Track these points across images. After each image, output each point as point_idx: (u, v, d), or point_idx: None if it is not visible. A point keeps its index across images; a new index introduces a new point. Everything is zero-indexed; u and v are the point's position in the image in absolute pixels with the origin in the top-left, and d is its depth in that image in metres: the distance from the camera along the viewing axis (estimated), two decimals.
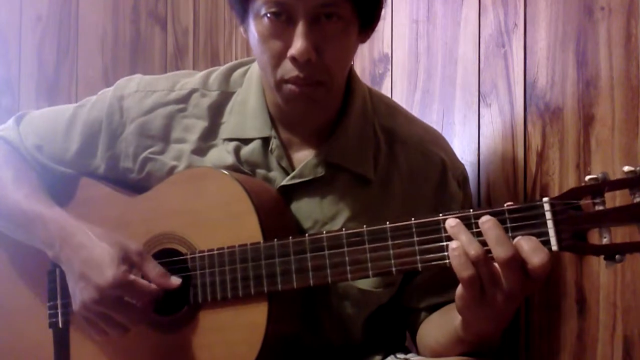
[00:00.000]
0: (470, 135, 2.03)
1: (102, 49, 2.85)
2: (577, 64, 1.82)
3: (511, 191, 1.94)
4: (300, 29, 1.57)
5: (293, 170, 1.73)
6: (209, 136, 1.77)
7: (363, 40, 1.70)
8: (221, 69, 1.83)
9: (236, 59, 2.52)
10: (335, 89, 1.69)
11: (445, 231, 1.45)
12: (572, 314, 1.82)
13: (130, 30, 2.86)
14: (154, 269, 1.66)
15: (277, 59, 1.62)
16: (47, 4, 2.80)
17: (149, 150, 1.79)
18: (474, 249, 1.41)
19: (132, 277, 1.62)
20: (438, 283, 1.68)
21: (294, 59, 1.59)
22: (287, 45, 1.59)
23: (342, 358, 1.76)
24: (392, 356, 1.75)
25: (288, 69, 1.61)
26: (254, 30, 1.63)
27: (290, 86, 1.63)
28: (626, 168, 1.34)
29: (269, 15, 1.59)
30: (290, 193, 1.72)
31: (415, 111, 2.14)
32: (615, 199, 1.39)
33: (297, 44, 1.57)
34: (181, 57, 2.86)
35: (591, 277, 1.79)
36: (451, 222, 1.44)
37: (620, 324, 1.74)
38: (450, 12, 2.10)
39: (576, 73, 1.82)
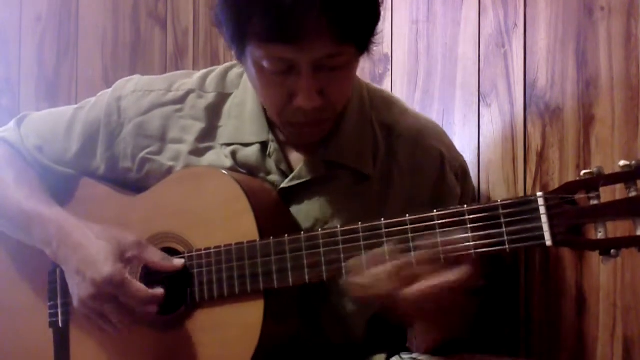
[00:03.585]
0: (470, 135, 2.03)
1: (102, 49, 2.84)
2: (577, 64, 1.82)
3: (511, 191, 1.94)
4: (305, 79, 1.55)
5: (292, 172, 1.72)
6: (206, 137, 1.77)
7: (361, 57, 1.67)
8: (218, 70, 1.83)
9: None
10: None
11: (440, 227, 1.46)
12: (572, 314, 1.82)
13: (130, 30, 2.86)
14: (154, 254, 1.67)
15: (281, 104, 1.61)
16: (47, 4, 2.80)
17: (147, 151, 1.79)
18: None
19: (127, 276, 1.63)
20: None
21: (300, 107, 1.58)
22: (291, 93, 1.58)
23: (343, 357, 1.75)
24: (397, 356, 1.75)
25: (293, 114, 1.61)
26: (253, 73, 1.61)
27: (296, 128, 1.65)
28: (621, 163, 1.33)
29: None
30: (290, 195, 1.72)
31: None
32: (616, 193, 1.39)
33: (305, 97, 1.56)
34: (181, 57, 2.85)
35: (591, 277, 1.79)
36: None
37: (620, 324, 1.74)
38: (450, 12, 2.10)
39: (576, 73, 1.82)
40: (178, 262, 1.67)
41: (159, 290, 1.64)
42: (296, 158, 1.74)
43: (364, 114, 1.75)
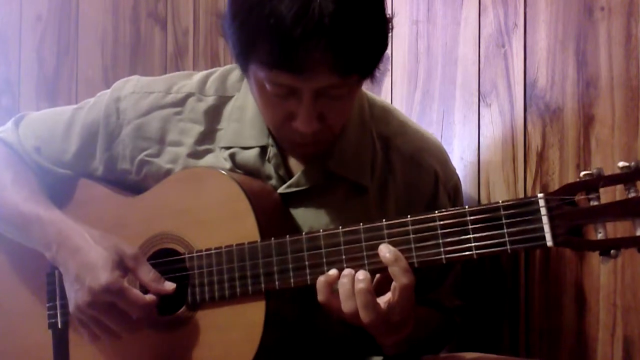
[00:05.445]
0: (470, 135, 2.03)
1: (102, 49, 2.84)
2: (577, 64, 1.82)
3: (511, 191, 1.94)
4: (306, 105, 1.55)
5: (290, 178, 1.72)
6: (205, 140, 1.77)
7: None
8: (218, 72, 1.82)
9: None
10: None
11: (441, 228, 1.47)
12: (572, 314, 1.82)
13: (130, 30, 2.86)
14: (148, 273, 1.66)
15: (280, 122, 1.62)
16: (47, 4, 2.80)
17: (145, 153, 1.79)
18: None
19: (125, 284, 1.63)
20: (426, 280, 1.69)
21: (298, 130, 1.59)
22: (292, 113, 1.59)
23: (342, 357, 1.75)
24: None
25: (290, 133, 1.62)
26: (254, 89, 1.62)
27: (293, 145, 1.67)
28: (621, 164, 1.34)
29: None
30: (287, 201, 1.72)
31: (415, 111, 2.15)
32: (616, 194, 1.39)
33: (304, 122, 1.57)
34: (181, 58, 2.86)
35: (591, 277, 1.79)
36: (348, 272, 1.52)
37: (620, 324, 1.74)
38: (450, 12, 2.10)
39: (576, 73, 1.82)
40: (169, 286, 1.66)
41: (171, 285, 1.65)
42: (295, 164, 1.74)
43: (364, 124, 1.76)
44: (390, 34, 1.59)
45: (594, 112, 1.78)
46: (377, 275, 1.53)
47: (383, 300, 1.51)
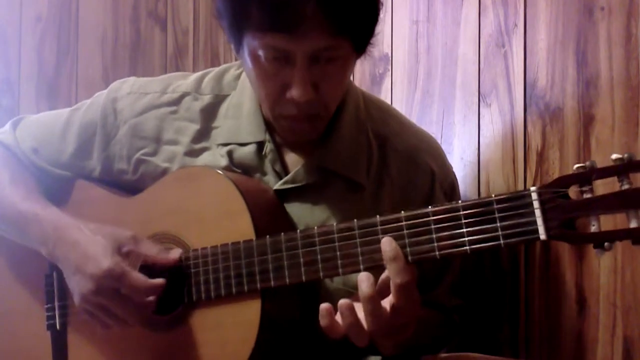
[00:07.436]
0: (470, 135, 2.03)
1: (102, 49, 2.86)
2: (577, 64, 1.82)
3: (511, 191, 1.93)
4: (300, 71, 1.57)
5: (287, 174, 1.73)
6: (201, 138, 1.78)
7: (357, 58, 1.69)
8: (214, 72, 1.83)
9: (236, 59, 2.53)
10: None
11: (435, 223, 1.46)
12: (572, 314, 1.82)
13: (130, 30, 2.87)
14: (150, 248, 1.67)
15: (275, 96, 1.62)
16: (47, 4, 2.81)
17: (142, 152, 1.80)
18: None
19: (126, 268, 1.63)
20: (424, 279, 1.68)
21: (293, 99, 1.59)
22: (286, 84, 1.59)
23: (339, 357, 1.75)
24: None
25: (286, 107, 1.62)
26: (249, 64, 1.62)
27: (288, 122, 1.66)
28: (614, 156, 1.33)
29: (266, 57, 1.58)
30: (282, 197, 1.72)
31: (415, 111, 2.15)
32: (614, 187, 1.38)
33: (298, 88, 1.57)
34: (181, 58, 2.87)
35: (591, 277, 1.78)
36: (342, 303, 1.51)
37: (620, 324, 1.74)
38: (450, 12, 2.10)
39: (576, 73, 1.82)
40: (174, 254, 1.67)
41: (159, 280, 1.64)
42: (291, 160, 1.75)
43: (360, 122, 1.76)
44: (382, 8, 1.61)
45: (594, 112, 1.78)
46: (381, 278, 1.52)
47: (386, 302, 1.50)
